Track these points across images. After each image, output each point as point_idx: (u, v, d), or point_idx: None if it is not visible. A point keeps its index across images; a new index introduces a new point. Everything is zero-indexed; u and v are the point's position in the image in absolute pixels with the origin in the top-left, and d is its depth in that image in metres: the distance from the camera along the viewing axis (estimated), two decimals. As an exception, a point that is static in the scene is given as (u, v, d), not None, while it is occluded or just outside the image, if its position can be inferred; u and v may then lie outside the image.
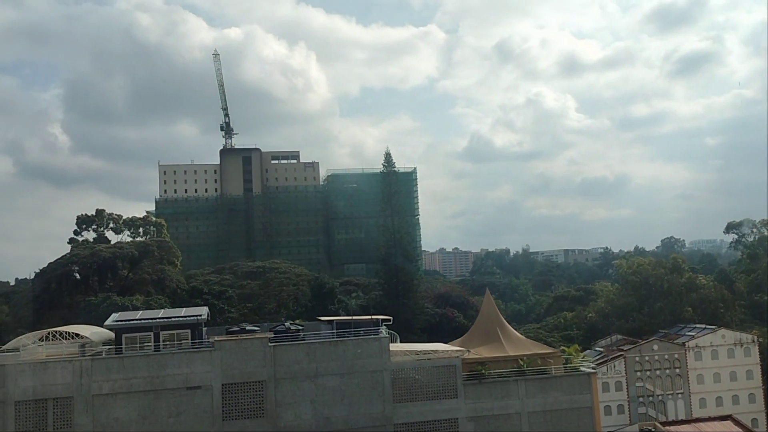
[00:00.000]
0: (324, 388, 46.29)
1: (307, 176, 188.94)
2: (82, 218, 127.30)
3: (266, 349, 45.80)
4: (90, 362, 43.83)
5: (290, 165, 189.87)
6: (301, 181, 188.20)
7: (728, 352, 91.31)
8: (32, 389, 42.86)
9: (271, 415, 45.30)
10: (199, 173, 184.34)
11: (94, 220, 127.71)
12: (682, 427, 79.32)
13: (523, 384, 48.59)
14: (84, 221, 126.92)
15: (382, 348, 47.25)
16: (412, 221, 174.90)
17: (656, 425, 78.09)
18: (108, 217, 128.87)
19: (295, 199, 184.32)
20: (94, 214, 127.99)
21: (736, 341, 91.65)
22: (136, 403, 43.93)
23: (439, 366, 47.99)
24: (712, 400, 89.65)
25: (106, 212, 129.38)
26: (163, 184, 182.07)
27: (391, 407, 46.71)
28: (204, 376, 44.81)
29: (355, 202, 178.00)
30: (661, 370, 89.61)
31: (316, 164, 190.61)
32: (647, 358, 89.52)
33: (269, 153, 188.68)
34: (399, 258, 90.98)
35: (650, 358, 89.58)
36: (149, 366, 44.36)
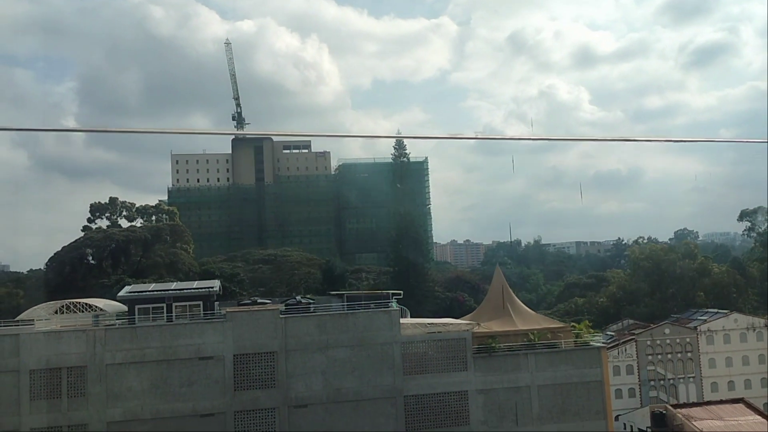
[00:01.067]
0: (334, 359, 46.58)
1: (319, 166, 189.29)
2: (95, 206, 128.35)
3: (277, 321, 46.13)
4: (103, 332, 44.34)
5: (301, 154, 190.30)
6: (312, 171, 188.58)
7: (741, 336, 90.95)
8: (46, 358, 43.41)
9: (283, 385, 45.66)
10: (211, 162, 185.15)
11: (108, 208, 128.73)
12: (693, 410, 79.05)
13: (533, 357, 48.69)
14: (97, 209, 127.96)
15: (392, 321, 47.47)
16: (424, 210, 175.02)
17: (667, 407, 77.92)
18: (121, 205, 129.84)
19: (306, 189, 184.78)
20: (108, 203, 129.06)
21: (748, 325, 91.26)
22: (149, 372, 44.39)
23: (449, 339, 48.17)
24: (723, 384, 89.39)
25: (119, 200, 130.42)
26: (176, 173, 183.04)
27: (401, 379, 46.95)
28: (216, 347, 45.21)
29: (367, 191, 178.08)
30: (673, 353, 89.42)
31: (327, 154, 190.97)
32: (658, 341, 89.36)
33: (281, 142, 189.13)
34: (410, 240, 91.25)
35: (662, 342, 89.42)
36: (162, 336, 44.80)
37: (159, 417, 44.12)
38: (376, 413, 46.48)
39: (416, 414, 46.96)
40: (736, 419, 76.72)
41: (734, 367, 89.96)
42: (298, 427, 45.49)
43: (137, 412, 43.90)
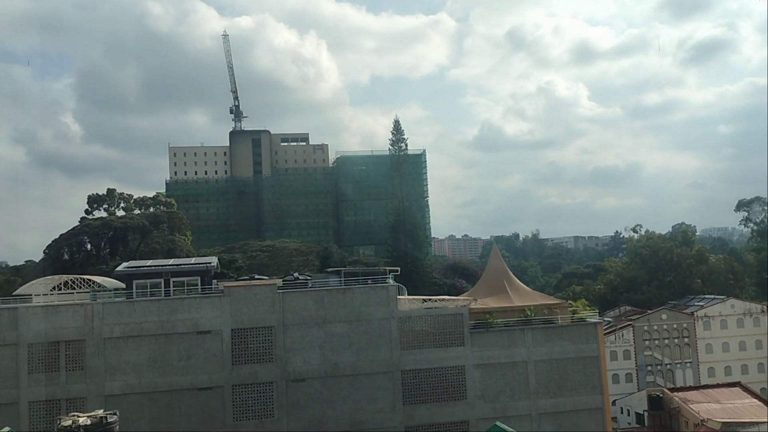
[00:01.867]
0: (332, 334, 46.75)
1: (317, 158, 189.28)
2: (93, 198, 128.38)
3: (275, 296, 46.29)
4: (101, 306, 44.48)
5: (299, 147, 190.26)
6: (310, 163, 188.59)
7: (737, 321, 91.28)
8: (44, 332, 43.54)
9: (280, 359, 45.83)
10: (209, 155, 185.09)
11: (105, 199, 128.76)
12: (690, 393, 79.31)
13: (529, 333, 48.88)
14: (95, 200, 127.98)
15: (389, 296, 47.63)
16: (422, 203, 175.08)
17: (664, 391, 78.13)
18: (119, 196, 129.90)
19: (304, 181, 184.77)
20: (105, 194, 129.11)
21: (745, 311, 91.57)
22: (147, 346, 44.55)
23: (446, 314, 48.34)
24: (720, 370, 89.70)
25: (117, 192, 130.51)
26: (173, 166, 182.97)
27: (398, 354, 47.14)
28: (214, 321, 45.36)
29: (365, 184, 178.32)
30: (670, 339, 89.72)
31: (325, 146, 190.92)
32: (656, 327, 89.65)
33: (278, 135, 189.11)
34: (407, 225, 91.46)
35: (659, 328, 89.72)
36: (160, 310, 44.95)
37: (157, 390, 44.30)
38: (374, 387, 46.67)
39: (413, 388, 47.14)
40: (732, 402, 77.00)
41: (731, 353, 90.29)
42: (296, 400, 45.67)
43: (135, 385, 44.07)
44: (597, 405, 48.87)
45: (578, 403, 48.57)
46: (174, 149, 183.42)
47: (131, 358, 44.30)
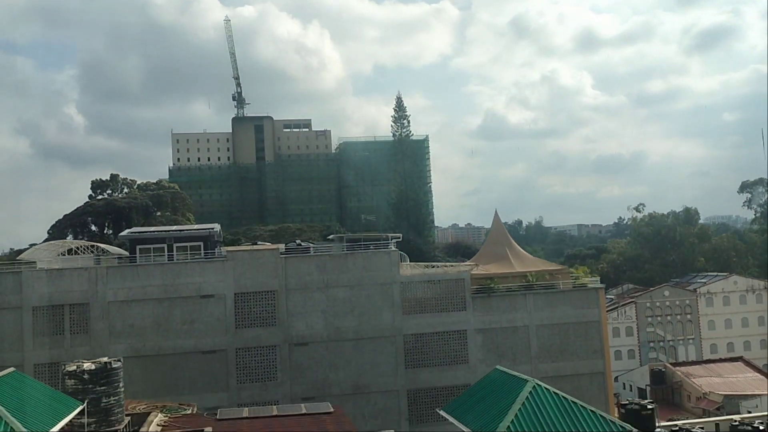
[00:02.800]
0: (334, 299, 46.98)
1: (319, 144, 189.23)
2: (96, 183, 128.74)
3: (277, 261, 46.52)
4: (105, 270, 44.76)
5: (302, 133, 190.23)
6: (313, 150, 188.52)
7: (740, 298, 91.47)
8: (49, 296, 43.83)
9: (283, 324, 46.09)
10: (211, 142, 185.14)
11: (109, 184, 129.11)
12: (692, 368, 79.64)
13: (531, 297, 49.07)
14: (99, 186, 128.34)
15: (391, 261, 47.82)
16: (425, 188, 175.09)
17: (666, 365, 78.43)
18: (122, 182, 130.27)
19: (307, 167, 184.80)
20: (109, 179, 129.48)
21: (748, 288, 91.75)
22: (151, 310, 44.84)
23: (448, 280, 48.53)
24: (723, 346, 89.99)
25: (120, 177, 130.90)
26: (176, 153, 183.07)
27: (400, 318, 47.36)
28: (217, 285, 45.61)
29: (367, 170, 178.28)
30: (672, 315, 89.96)
31: (328, 132, 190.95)
32: (658, 303, 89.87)
33: (281, 121, 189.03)
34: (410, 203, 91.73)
35: (661, 304, 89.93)
36: (163, 274, 45.21)
37: (161, 353, 44.62)
38: (376, 351, 46.93)
39: (415, 352, 47.42)
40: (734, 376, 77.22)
41: (733, 329, 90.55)
42: (299, 364, 45.95)
43: (139, 348, 44.38)
44: (598, 369, 49.10)
45: (579, 367, 48.79)
46: (177, 136, 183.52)
47: (135, 322, 44.59)
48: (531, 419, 23.34)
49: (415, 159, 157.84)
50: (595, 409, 24.09)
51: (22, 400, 22.90)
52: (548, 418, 23.46)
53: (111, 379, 28.14)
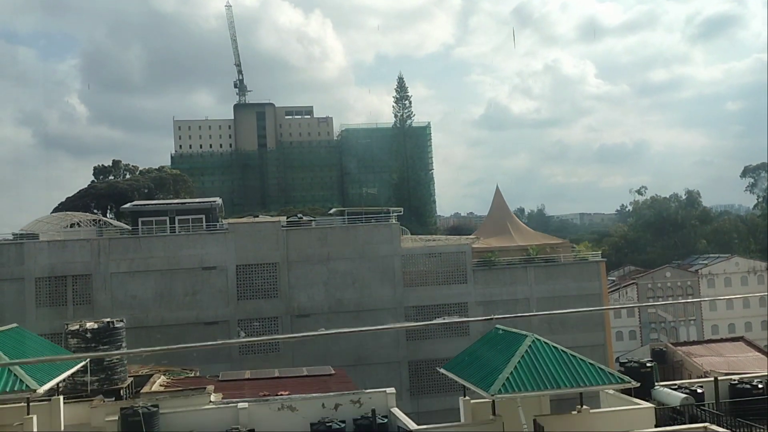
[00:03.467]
0: (336, 271, 47.15)
1: (321, 131, 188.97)
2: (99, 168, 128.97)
3: (279, 233, 46.67)
4: (107, 242, 44.95)
5: (304, 120, 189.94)
6: (315, 136, 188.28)
7: (742, 279, 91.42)
8: (51, 267, 44.02)
9: (285, 295, 46.28)
10: (213, 129, 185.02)
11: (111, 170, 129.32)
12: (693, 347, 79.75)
13: (531, 270, 49.17)
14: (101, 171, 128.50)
15: (392, 234, 47.96)
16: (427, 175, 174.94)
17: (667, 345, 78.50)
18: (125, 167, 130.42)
19: (309, 154, 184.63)
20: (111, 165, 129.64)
21: (749, 269, 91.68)
22: (153, 281, 45.04)
23: (449, 252, 48.64)
24: (724, 327, 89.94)
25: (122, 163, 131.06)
26: (178, 140, 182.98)
27: (401, 291, 47.53)
28: (219, 257, 45.79)
29: (369, 156, 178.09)
30: (674, 296, 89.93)
31: (329, 119, 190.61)
32: (659, 284, 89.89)
33: (283, 108, 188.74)
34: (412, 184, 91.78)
35: (663, 285, 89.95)
36: (165, 246, 45.38)
37: (164, 324, 44.83)
38: (378, 323, 46.98)
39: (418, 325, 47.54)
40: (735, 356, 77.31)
41: (735, 310, 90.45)
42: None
43: (142, 319, 44.55)
44: (599, 342, 49.29)
45: (580, 339, 48.81)
46: (179, 123, 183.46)
47: (138, 293, 44.79)
48: (530, 370, 23.47)
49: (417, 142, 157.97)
50: (594, 363, 24.22)
51: (24, 352, 23.06)
52: (547, 370, 23.59)
53: (113, 338, 28.36)
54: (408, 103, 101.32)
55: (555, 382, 23.13)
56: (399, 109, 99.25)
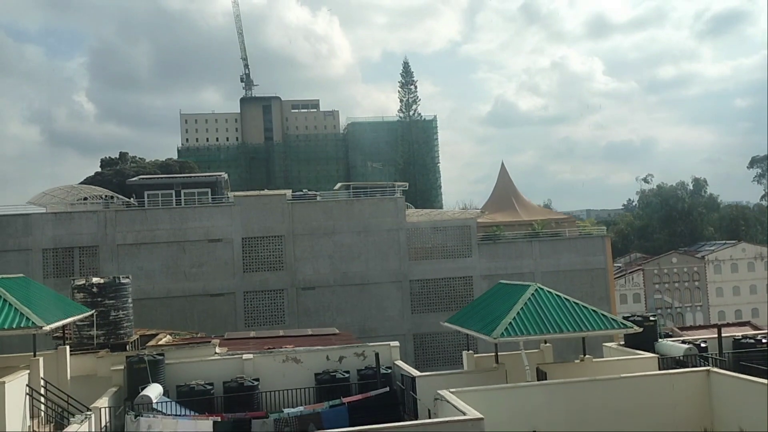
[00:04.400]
0: (341, 244, 47.31)
1: (327, 125, 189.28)
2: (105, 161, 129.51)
3: (284, 206, 46.88)
4: (114, 214, 45.22)
5: (310, 114, 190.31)
6: (321, 130, 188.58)
7: (748, 265, 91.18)
8: (58, 238, 44.31)
9: (291, 268, 46.48)
10: (220, 122, 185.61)
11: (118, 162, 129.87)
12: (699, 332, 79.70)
13: (536, 245, 49.22)
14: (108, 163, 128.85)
15: (397, 208, 48.12)
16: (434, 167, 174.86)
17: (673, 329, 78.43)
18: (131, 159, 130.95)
19: (315, 148, 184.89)
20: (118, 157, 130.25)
21: (756, 255, 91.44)
22: (160, 253, 45.29)
23: (454, 226, 48.74)
24: (731, 313, 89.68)
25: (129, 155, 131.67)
26: (185, 133, 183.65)
27: (406, 264, 47.66)
28: (225, 230, 46.02)
29: (375, 150, 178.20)
30: (680, 282, 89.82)
31: (336, 113, 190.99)
32: (666, 270, 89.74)
33: (289, 102, 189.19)
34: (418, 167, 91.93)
35: (669, 271, 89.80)
36: (171, 219, 45.63)
37: (170, 296, 45.09)
38: (382, 296, 47.26)
39: (421, 297, 47.73)
40: (742, 340, 77.04)
41: (741, 296, 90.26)
42: (307, 308, 46.33)
43: (149, 291, 44.77)
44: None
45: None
46: (186, 116, 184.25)
47: (144, 265, 45.03)
48: (534, 316, 23.56)
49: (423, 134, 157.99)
50: (598, 309, 24.29)
51: (29, 298, 23.28)
52: (551, 316, 23.68)
53: (120, 293, 28.58)
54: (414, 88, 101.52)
55: (558, 327, 23.19)
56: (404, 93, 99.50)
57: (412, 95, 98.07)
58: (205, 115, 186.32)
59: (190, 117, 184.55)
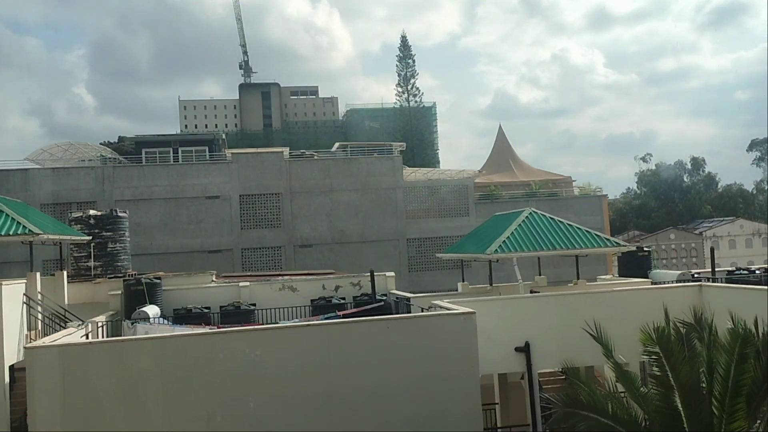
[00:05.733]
0: (338, 203, 47.44)
1: (326, 111, 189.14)
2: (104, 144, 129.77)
3: (282, 164, 47.01)
4: (112, 170, 45.36)
5: (309, 100, 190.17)
6: (320, 116, 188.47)
7: (746, 241, 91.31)
8: (56, 193, 44.42)
9: (288, 225, 46.60)
10: (219, 108, 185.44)
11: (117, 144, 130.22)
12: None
13: (534, 204, 49.05)
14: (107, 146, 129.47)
15: (395, 166, 48.24)
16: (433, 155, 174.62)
17: (672, 302, 78.72)
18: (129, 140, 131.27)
19: (314, 134, 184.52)
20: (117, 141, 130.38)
21: (754, 231, 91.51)
22: (158, 209, 45.41)
23: (451, 185, 48.87)
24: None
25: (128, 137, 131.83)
26: (184, 119, 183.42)
27: (404, 223, 47.79)
28: (222, 187, 46.13)
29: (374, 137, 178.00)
30: (678, 259, 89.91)
31: (335, 99, 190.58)
32: (663, 247, 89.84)
33: (288, 88, 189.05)
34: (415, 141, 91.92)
35: (666, 247, 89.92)
36: (169, 175, 45.75)
37: (168, 252, 45.17)
38: (379, 254, 47.33)
39: (419, 256, 47.83)
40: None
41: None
42: (304, 265, 46.41)
43: (147, 246, 44.88)
44: (600, 275, 49.32)
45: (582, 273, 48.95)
46: (184, 102, 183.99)
47: (142, 221, 45.09)
48: (527, 235, 23.75)
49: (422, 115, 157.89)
50: (591, 230, 24.47)
51: (28, 215, 23.41)
52: (544, 235, 23.87)
53: (117, 226, 28.70)
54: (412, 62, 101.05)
55: (552, 245, 23.41)
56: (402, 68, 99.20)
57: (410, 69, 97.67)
58: (204, 102, 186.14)
59: (189, 104, 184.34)
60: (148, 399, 15.07)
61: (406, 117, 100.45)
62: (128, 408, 14.87)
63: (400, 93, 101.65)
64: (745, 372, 11.60)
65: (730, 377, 11.67)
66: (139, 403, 14.92)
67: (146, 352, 15.54)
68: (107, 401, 14.82)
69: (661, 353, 11.88)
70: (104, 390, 14.66)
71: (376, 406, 15.03)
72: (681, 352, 11.97)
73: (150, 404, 15.08)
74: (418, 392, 15.31)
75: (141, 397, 14.99)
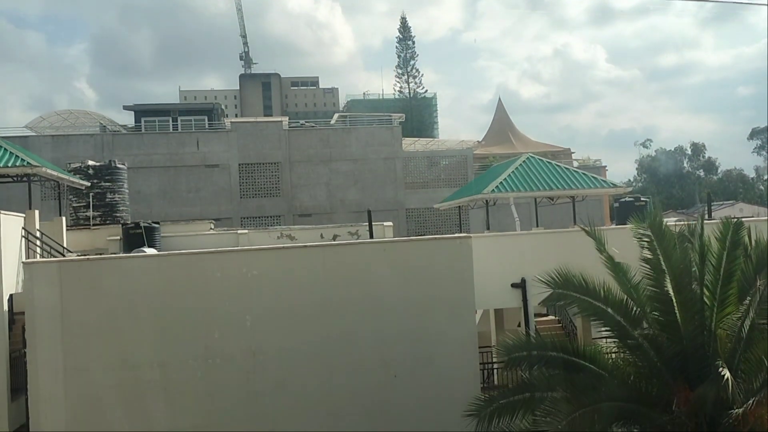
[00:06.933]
0: (338, 172, 47.52)
1: (327, 102, 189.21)
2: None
3: (281, 133, 47.11)
4: (111, 137, 45.44)
5: (309, 91, 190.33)
6: (320, 107, 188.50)
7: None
8: (56, 161, 44.17)
9: (287, 195, 46.70)
10: (219, 98, 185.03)
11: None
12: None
13: (533, 175, 49.36)
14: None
15: (394, 136, 48.31)
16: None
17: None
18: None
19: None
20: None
21: (754, 214, 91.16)
22: (157, 177, 45.48)
23: (450, 156, 48.95)
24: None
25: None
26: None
27: (402, 193, 47.86)
28: (221, 156, 46.20)
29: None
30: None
31: (335, 90, 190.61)
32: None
33: (288, 78, 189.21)
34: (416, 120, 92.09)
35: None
36: (168, 143, 45.83)
37: (168, 220, 45.06)
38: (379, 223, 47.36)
39: (417, 227, 47.89)
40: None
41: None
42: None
43: (146, 214, 44.57)
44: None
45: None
46: (184, 92, 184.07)
47: (142, 189, 45.13)
48: (524, 177, 23.85)
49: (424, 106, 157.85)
50: (588, 173, 24.55)
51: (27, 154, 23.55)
52: (541, 177, 23.96)
53: (116, 177, 28.85)
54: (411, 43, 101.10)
55: (548, 185, 23.54)
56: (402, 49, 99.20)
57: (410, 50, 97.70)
58: (204, 92, 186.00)
59: (189, 94, 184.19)
60: (146, 316, 15.16)
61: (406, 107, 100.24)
62: (126, 325, 14.95)
63: (399, 75, 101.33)
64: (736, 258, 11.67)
65: (722, 265, 11.72)
66: (137, 319, 14.99)
67: (144, 269, 15.64)
68: (105, 317, 14.90)
69: (653, 236, 11.96)
70: (102, 306, 14.73)
71: (371, 321, 15.13)
72: (672, 237, 12.05)
73: (148, 321, 15.17)
74: (413, 310, 15.40)
75: (139, 314, 15.07)
